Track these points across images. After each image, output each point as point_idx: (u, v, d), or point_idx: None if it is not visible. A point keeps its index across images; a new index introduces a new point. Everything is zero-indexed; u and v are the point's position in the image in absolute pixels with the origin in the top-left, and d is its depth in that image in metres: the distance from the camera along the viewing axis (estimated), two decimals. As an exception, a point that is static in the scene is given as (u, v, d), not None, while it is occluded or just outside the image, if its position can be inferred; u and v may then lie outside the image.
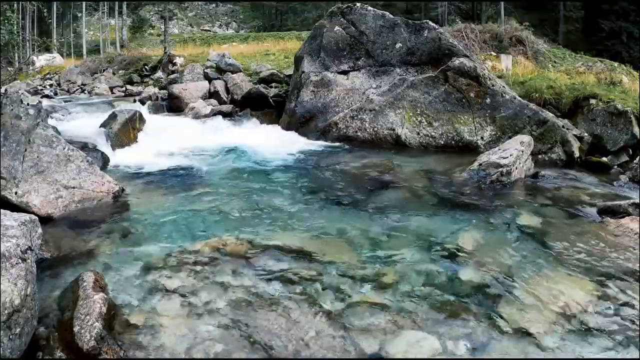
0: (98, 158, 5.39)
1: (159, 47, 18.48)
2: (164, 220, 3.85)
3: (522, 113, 6.65)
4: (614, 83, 8.21)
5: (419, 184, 5.05)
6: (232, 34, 32.20)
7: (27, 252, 2.24)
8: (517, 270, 3.09)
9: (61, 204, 3.99)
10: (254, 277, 2.92)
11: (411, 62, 7.43)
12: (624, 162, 6.41)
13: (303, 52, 8.32)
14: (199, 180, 5.14)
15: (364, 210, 4.19)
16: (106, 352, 2.14)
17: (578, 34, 25.20)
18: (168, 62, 13.80)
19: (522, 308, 2.67)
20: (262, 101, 9.14)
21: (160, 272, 2.96)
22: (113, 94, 12.02)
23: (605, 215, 4.10)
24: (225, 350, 2.29)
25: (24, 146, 4.04)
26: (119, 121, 6.61)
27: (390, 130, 7.05)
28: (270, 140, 7.23)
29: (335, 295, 2.75)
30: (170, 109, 9.37)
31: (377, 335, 2.41)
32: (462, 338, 2.40)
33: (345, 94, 7.55)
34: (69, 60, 21.81)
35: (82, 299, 2.38)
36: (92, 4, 30.10)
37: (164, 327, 2.43)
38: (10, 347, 2.00)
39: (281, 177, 5.27)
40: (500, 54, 11.31)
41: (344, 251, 3.32)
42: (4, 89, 5.32)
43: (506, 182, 5.00)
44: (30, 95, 10.78)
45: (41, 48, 19.31)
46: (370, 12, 7.91)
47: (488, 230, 3.75)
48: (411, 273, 3.03)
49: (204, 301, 2.65)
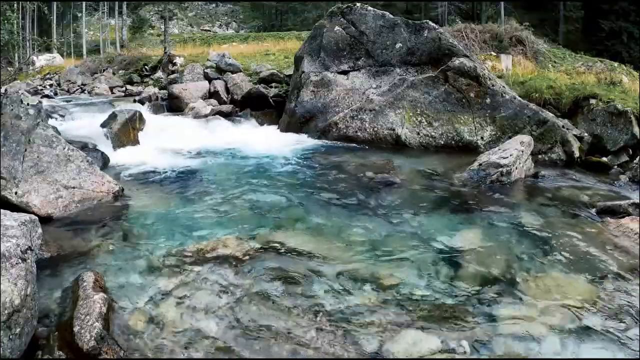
0: (98, 158, 5.39)
1: (159, 47, 18.48)
2: (164, 220, 3.85)
3: (522, 113, 6.65)
4: (614, 83, 8.21)
5: (419, 184, 5.05)
6: (232, 34, 32.20)
7: (27, 252, 2.24)
8: (517, 270, 3.09)
9: (61, 204, 3.99)
10: (254, 277, 2.92)
11: (411, 62, 7.43)
12: (624, 162, 6.41)
13: (303, 52, 8.32)
14: (199, 180, 5.14)
15: (364, 210, 4.19)
16: (106, 352, 2.14)
17: (578, 34, 25.19)
18: (168, 62, 13.79)
19: (522, 308, 2.68)
20: (262, 101, 9.13)
21: (160, 272, 2.96)
22: (113, 94, 12.01)
23: (605, 215, 4.10)
24: (225, 350, 2.29)
25: (24, 146, 4.04)
26: (119, 121, 6.60)
27: (390, 130, 7.05)
28: (270, 140, 7.23)
29: (335, 295, 2.76)
30: (170, 109, 9.36)
31: (377, 335, 2.41)
32: (462, 338, 2.40)
33: (345, 94, 7.55)
34: (69, 60, 21.79)
35: (82, 299, 2.38)
36: (92, 4, 30.10)
37: (164, 326, 2.43)
38: (10, 347, 2.00)
39: (281, 177, 5.27)
40: (500, 54, 11.31)
41: (344, 251, 3.33)
42: (4, 89, 5.32)
43: (506, 182, 5.00)
44: (30, 95, 10.77)
45: (41, 48, 19.31)
46: (370, 12, 7.91)
47: (488, 230, 3.75)
48: (411, 273, 3.03)
49: (204, 301, 2.65)
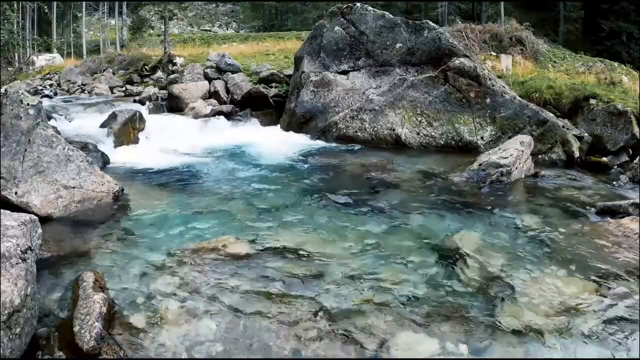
0: (98, 158, 5.39)
1: (159, 47, 18.44)
2: (164, 220, 3.85)
3: (522, 113, 6.65)
4: (614, 83, 8.22)
5: (419, 184, 5.05)
6: (232, 34, 32.15)
7: (27, 252, 2.24)
8: (517, 270, 3.09)
9: (61, 204, 3.99)
10: (254, 277, 2.92)
11: (411, 62, 7.43)
12: (624, 162, 6.41)
13: (303, 52, 8.32)
14: (199, 180, 5.14)
15: (364, 210, 4.19)
16: (106, 352, 2.14)
17: (578, 34, 25.20)
18: (168, 62, 13.79)
19: (522, 308, 2.67)
20: (262, 101, 9.13)
21: (160, 272, 2.96)
22: (113, 94, 12.01)
23: (605, 215, 4.10)
24: (225, 350, 2.29)
25: (24, 146, 4.03)
26: (119, 121, 6.61)
27: (390, 130, 7.05)
28: (270, 140, 7.23)
29: (335, 295, 2.75)
30: (170, 109, 9.37)
31: (377, 335, 2.41)
32: (462, 338, 2.40)
33: (345, 94, 7.55)
34: (69, 60, 21.76)
35: (82, 299, 2.38)
36: (92, 4, 30.05)
37: (164, 326, 2.43)
38: (11, 347, 2.00)
39: (281, 177, 5.27)
40: (500, 54, 11.31)
41: (344, 251, 3.32)
42: (4, 89, 5.30)
43: (506, 182, 5.00)
44: (30, 95, 10.76)
45: (41, 48, 19.28)
46: (370, 12, 7.90)
47: (488, 230, 3.75)
48: (411, 273, 3.03)
49: (204, 301, 2.65)
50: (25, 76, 16.14)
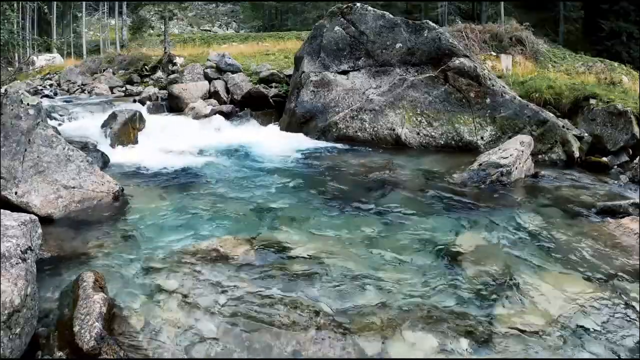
0: (98, 158, 5.39)
1: (159, 47, 18.44)
2: (163, 220, 3.85)
3: (522, 113, 6.65)
4: (614, 83, 8.22)
5: (419, 184, 5.05)
6: (232, 34, 32.14)
7: (27, 252, 2.24)
8: (517, 270, 3.09)
9: (61, 204, 3.99)
10: (254, 277, 2.92)
11: (411, 62, 7.43)
12: (624, 162, 6.41)
13: (303, 52, 8.32)
14: (199, 180, 5.14)
15: (364, 210, 4.19)
16: (106, 352, 2.14)
17: (578, 34, 25.19)
18: (168, 62, 13.79)
19: (522, 308, 2.68)
20: (262, 101, 9.13)
21: (160, 272, 2.96)
22: (113, 94, 12.00)
23: (605, 215, 4.10)
24: (225, 350, 2.29)
25: (24, 146, 4.04)
26: (119, 121, 6.60)
27: (390, 130, 7.05)
28: (270, 140, 7.23)
29: (336, 295, 2.75)
30: (170, 109, 9.36)
31: (377, 335, 2.41)
32: (462, 338, 2.40)
33: (345, 94, 7.55)
34: (69, 60, 21.75)
35: (82, 299, 2.38)
36: (92, 4, 30.04)
37: (164, 326, 2.43)
38: (11, 347, 2.00)
39: (281, 177, 5.27)
40: (500, 54, 11.31)
41: (344, 251, 3.32)
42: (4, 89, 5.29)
43: (506, 182, 5.00)
44: (30, 95, 10.76)
45: (41, 48, 19.27)
46: (370, 12, 7.90)
47: (488, 230, 3.75)
48: (411, 273, 3.03)
49: (204, 301, 2.65)
50: (25, 76, 16.14)
